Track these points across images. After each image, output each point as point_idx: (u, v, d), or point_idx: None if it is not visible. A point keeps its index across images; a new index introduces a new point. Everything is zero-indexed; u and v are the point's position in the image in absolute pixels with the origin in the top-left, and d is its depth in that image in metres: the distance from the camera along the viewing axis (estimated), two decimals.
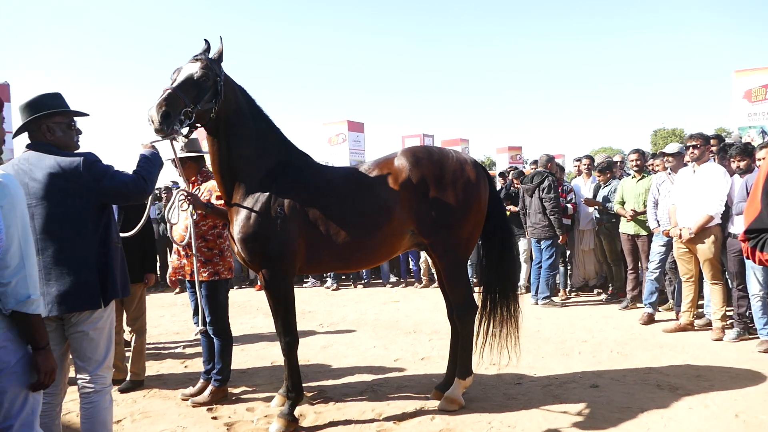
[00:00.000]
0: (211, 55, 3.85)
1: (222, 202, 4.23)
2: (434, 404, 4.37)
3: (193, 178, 4.66)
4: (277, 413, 4.11)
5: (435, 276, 8.47)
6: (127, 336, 5.24)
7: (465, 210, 4.12)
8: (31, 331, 2.40)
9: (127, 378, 5.04)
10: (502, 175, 11.32)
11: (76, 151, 3.17)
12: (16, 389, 2.35)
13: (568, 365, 5.33)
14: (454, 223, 4.10)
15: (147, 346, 6.29)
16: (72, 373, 3.19)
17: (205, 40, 3.88)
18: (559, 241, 8.22)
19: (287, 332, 4.07)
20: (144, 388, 5.02)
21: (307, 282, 11.25)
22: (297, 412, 4.20)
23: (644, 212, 7.24)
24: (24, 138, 3.15)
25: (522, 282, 9.37)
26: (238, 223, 3.94)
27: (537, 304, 8.25)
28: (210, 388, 4.63)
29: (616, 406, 4.25)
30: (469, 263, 6.69)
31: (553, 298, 8.31)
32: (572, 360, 5.52)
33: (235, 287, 10.74)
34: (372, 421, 4.15)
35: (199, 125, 3.85)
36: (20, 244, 2.32)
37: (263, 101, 4.14)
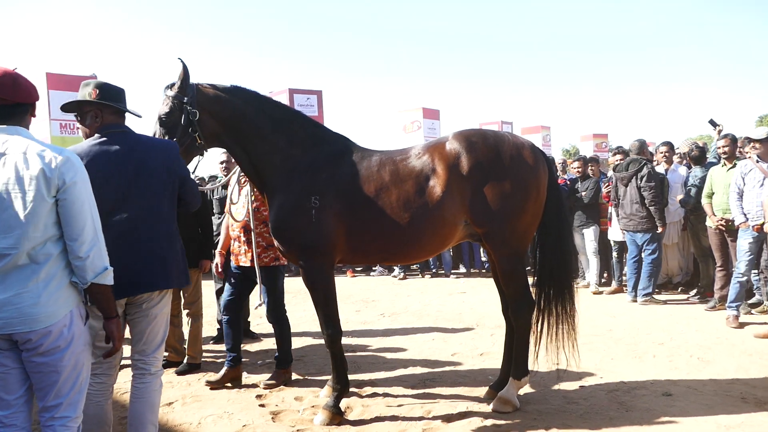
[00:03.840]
0: (174, 81, 3.69)
1: None
2: (487, 404, 4.14)
3: None
4: (323, 404, 4.03)
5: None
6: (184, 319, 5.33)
7: (523, 198, 3.83)
8: (106, 301, 2.48)
9: (185, 361, 5.13)
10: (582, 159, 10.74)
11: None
12: (72, 367, 2.41)
13: (640, 369, 4.91)
14: (512, 212, 3.81)
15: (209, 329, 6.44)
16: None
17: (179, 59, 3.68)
18: (657, 231, 7.63)
19: (329, 324, 3.95)
20: (200, 371, 5.10)
21: (374, 270, 11.21)
22: (344, 404, 4.11)
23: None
24: None
25: (594, 278, 8.80)
26: (272, 214, 3.88)
27: (635, 300, 7.71)
28: (275, 371, 4.76)
29: (690, 418, 3.84)
30: None
31: (654, 295, 7.72)
32: (645, 364, 5.08)
33: None
34: (420, 419, 3.98)
35: (203, 152, 3.87)
36: (92, 217, 2.38)
37: (337, 89, 3.99)
